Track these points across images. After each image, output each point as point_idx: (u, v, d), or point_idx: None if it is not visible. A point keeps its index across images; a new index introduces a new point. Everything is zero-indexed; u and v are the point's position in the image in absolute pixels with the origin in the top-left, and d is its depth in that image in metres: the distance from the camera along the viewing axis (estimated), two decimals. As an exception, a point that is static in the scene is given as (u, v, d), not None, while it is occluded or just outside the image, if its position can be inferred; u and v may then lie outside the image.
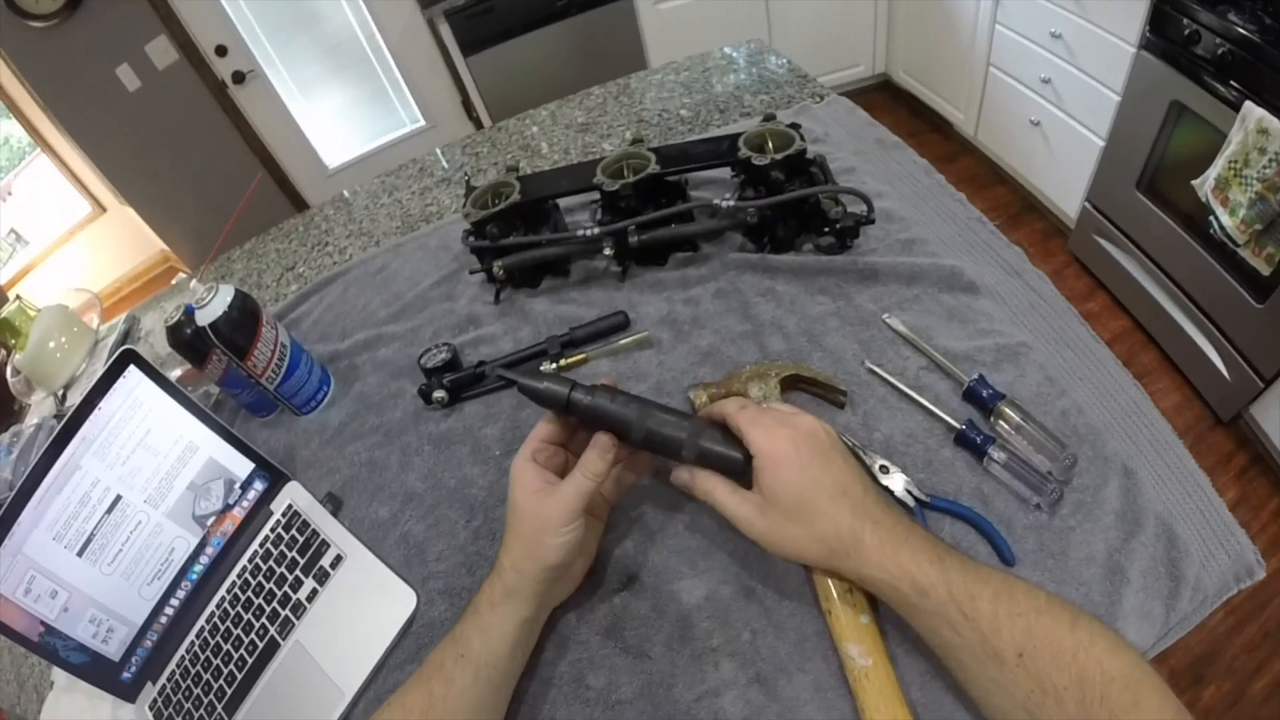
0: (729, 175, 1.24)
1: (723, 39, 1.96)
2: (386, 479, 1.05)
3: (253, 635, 0.93)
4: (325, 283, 1.48)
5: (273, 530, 1.01)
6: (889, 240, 1.14)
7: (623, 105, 1.78)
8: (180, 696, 0.92)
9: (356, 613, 0.91)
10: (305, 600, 0.93)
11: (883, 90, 4.41)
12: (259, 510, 1.03)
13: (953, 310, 1.01)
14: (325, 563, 0.95)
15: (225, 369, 1.11)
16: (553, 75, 3.73)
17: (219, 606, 0.97)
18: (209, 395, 1.28)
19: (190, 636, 0.96)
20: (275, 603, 0.95)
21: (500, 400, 1.09)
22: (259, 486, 1.04)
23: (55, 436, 0.89)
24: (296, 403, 1.17)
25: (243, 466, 1.03)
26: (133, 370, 0.95)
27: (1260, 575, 0.75)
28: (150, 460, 0.96)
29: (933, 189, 1.26)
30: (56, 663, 0.91)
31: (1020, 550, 0.76)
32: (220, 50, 3.69)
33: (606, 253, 1.14)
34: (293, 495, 1.04)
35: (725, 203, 1.09)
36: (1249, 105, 1.95)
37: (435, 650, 0.75)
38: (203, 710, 0.90)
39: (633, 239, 1.12)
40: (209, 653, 0.94)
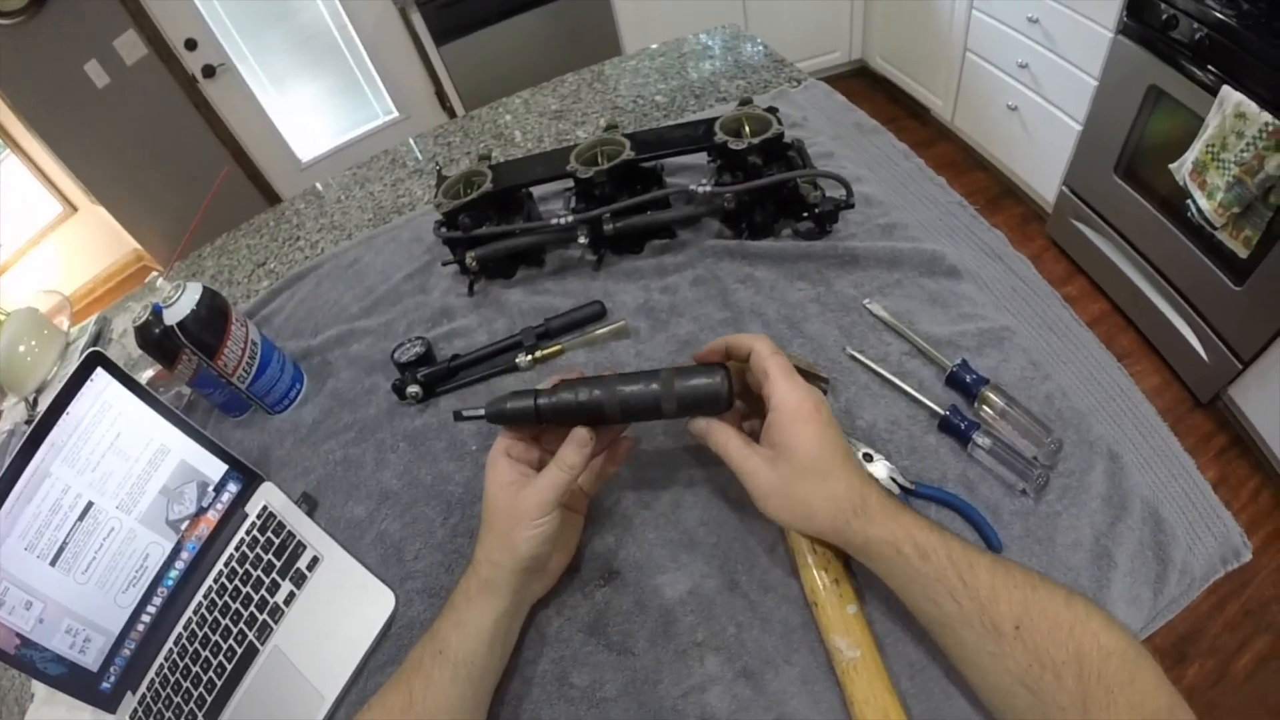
0: (705, 161, 1.22)
1: (698, 25, 1.95)
2: (362, 477, 1.03)
3: (231, 641, 0.91)
4: (297, 278, 1.46)
5: (248, 533, 0.99)
6: (869, 225, 1.13)
7: (597, 92, 1.77)
8: (160, 705, 0.90)
9: (335, 615, 0.90)
10: (283, 604, 0.92)
11: (860, 77, 4.41)
12: (234, 513, 1.01)
13: (934, 295, 1.00)
14: (302, 565, 0.94)
15: (196, 369, 1.09)
16: (527, 63, 3.70)
17: (196, 613, 0.95)
18: (181, 396, 1.25)
19: (168, 644, 0.94)
20: (253, 607, 0.93)
21: (476, 394, 1.08)
22: (233, 488, 1.02)
23: (23, 443, 0.87)
24: (269, 401, 1.15)
25: (215, 469, 1.01)
26: (100, 373, 0.92)
27: (1247, 558, 0.75)
28: (121, 465, 0.93)
29: (912, 173, 1.25)
30: (34, 675, 0.89)
31: (1006, 536, 0.75)
32: (190, 44, 3.63)
33: (581, 241, 1.13)
34: (267, 496, 1.02)
35: (702, 188, 1.08)
36: (1226, 89, 1.95)
37: (414, 648, 0.74)
38: (184, 719, 0.88)
39: (608, 227, 1.11)
40: (188, 660, 0.92)
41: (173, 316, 1.03)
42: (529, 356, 1.07)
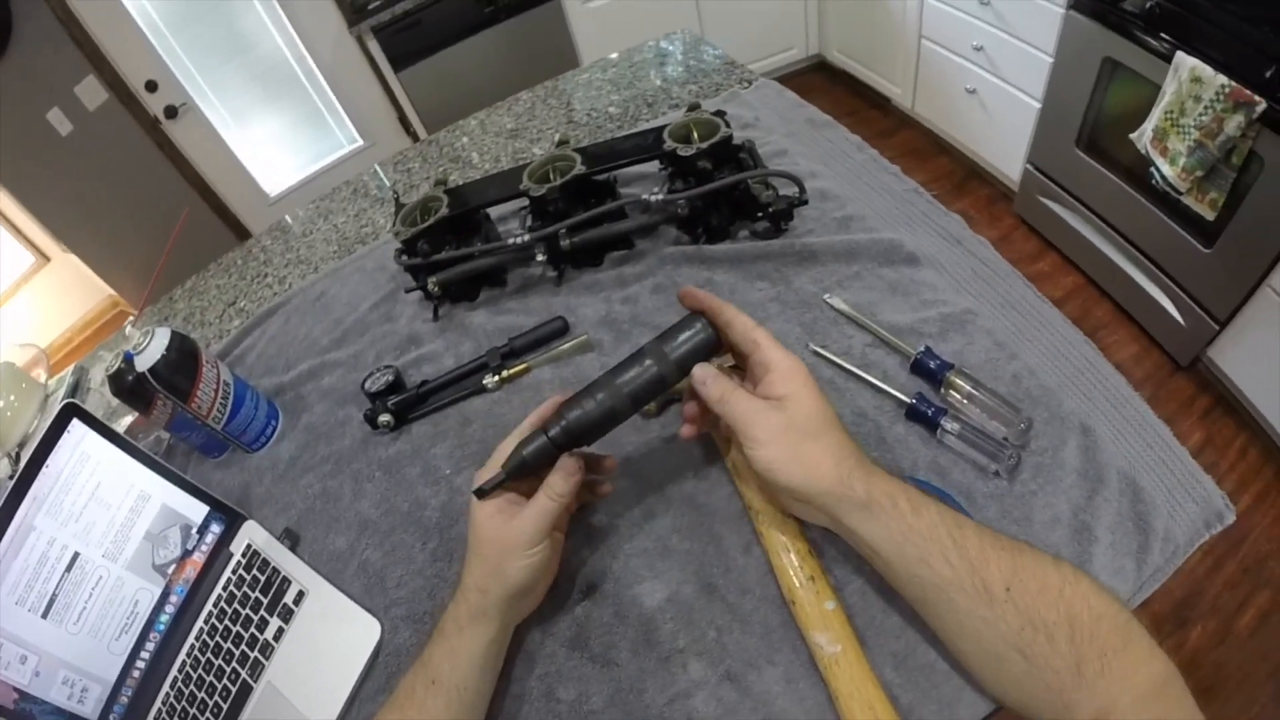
0: (658, 169, 1.22)
1: (653, 32, 1.96)
2: (341, 509, 1.03)
3: (225, 680, 0.91)
4: (266, 315, 1.46)
5: (234, 572, 0.99)
6: (825, 219, 1.13)
7: (551, 108, 1.77)
8: (161, 751, 0.90)
9: (324, 647, 0.90)
10: (272, 640, 0.92)
11: (819, 71, 4.43)
12: (219, 553, 1.01)
13: (894, 284, 1.01)
14: (289, 600, 0.94)
15: (172, 413, 1.09)
16: (487, 82, 3.72)
17: (189, 654, 0.95)
18: (161, 440, 1.25)
19: (165, 688, 0.94)
20: (244, 645, 0.93)
21: (447, 418, 1.08)
22: (216, 529, 1.02)
23: (5, 499, 0.87)
24: (246, 440, 1.15)
25: (197, 510, 1.01)
26: (76, 424, 0.92)
27: (1230, 519, 0.75)
28: (104, 513, 0.93)
29: (867, 164, 1.26)
30: (34, 729, 0.89)
31: (983, 519, 0.75)
32: (151, 86, 3.62)
33: (540, 259, 1.13)
34: (251, 535, 1.02)
35: (654, 197, 1.09)
36: (1180, 55, 1.97)
37: (405, 676, 0.74)
38: (184, 760, 0.88)
39: (564, 242, 1.11)
40: (184, 702, 0.92)
41: (144, 363, 1.03)
42: (495, 377, 1.07)
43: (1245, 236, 2.05)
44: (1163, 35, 2.06)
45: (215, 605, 0.97)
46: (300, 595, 0.94)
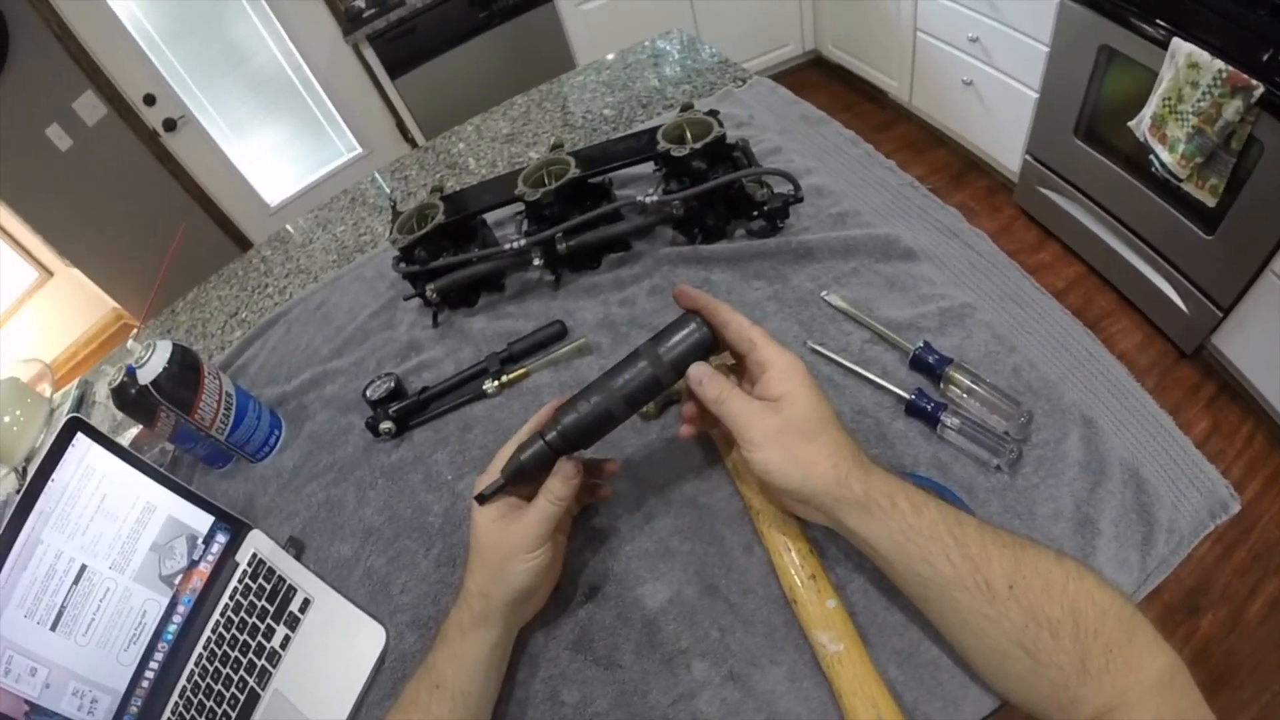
0: (653, 170, 1.22)
1: (648, 32, 1.96)
2: (345, 517, 1.03)
3: (233, 689, 0.92)
4: (268, 325, 1.46)
5: (240, 581, 1.00)
6: (821, 216, 1.13)
7: (546, 112, 1.77)
8: (171, 759, 0.91)
9: (330, 655, 0.91)
10: (279, 648, 0.92)
11: (815, 67, 4.43)
12: (225, 563, 1.02)
13: (892, 279, 1.01)
14: (294, 608, 0.94)
15: (175, 425, 1.09)
16: (483, 87, 3.72)
17: (198, 664, 0.96)
18: (165, 452, 1.26)
19: (174, 698, 0.95)
20: (251, 654, 0.93)
21: (447, 424, 1.08)
22: (221, 539, 1.02)
23: (12, 514, 0.87)
24: (249, 450, 1.16)
25: (202, 521, 1.01)
26: (80, 438, 0.93)
27: (1235, 509, 0.74)
28: (110, 526, 0.94)
29: (862, 159, 1.26)
30: (45, 740, 0.89)
31: (985, 514, 0.75)
32: (149, 99, 3.63)
33: (536, 263, 1.13)
34: (256, 544, 1.03)
35: (648, 198, 1.09)
36: (1177, 41, 1.97)
37: (410, 682, 0.74)
38: (194, 769, 0.89)
39: (560, 246, 1.11)
40: (193, 711, 0.92)
41: (146, 376, 1.03)
42: (495, 382, 1.08)
43: (1247, 222, 2.04)
44: (1159, 21, 2.05)
45: (222, 614, 0.98)
46: (306, 603, 0.94)
